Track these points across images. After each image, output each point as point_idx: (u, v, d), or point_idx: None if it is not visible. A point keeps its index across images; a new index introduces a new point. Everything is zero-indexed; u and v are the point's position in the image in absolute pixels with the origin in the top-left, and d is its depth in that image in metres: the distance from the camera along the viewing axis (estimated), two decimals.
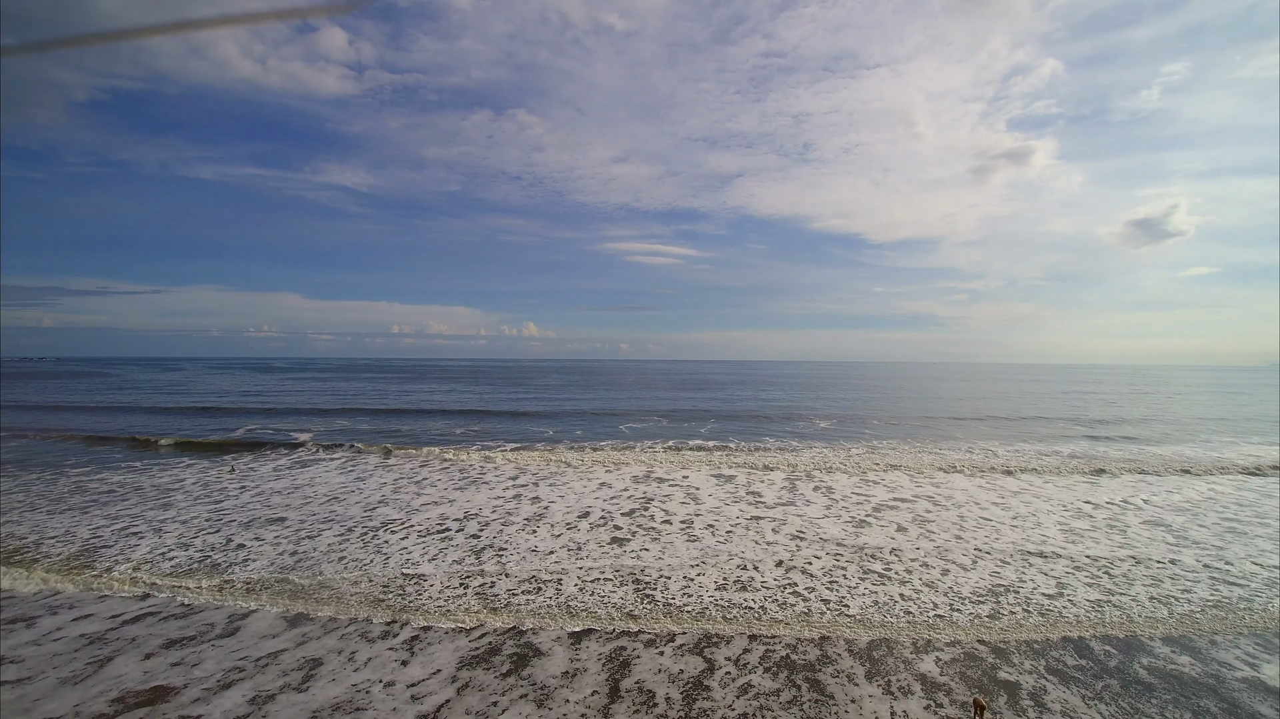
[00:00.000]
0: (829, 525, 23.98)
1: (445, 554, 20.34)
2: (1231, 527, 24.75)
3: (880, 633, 15.07)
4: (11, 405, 76.55)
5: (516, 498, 28.91)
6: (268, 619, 15.95)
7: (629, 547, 21.13)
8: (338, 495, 29.36)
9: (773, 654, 14.07)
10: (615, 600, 16.64)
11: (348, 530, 23.32)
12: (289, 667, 13.50)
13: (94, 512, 26.33)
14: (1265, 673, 13.66)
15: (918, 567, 19.26)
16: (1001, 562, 19.77)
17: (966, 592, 17.39)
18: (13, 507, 27.22)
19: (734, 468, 35.97)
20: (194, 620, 16.04)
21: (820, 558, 19.99)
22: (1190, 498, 29.99)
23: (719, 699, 12.19)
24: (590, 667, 13.45)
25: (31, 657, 14.35)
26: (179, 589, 17.86)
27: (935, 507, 27.10)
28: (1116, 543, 22.01)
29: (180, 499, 28.60)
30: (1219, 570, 19.36)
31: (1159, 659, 14.18)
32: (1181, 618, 16.05)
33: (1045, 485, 32.01)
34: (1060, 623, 15.59)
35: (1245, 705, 12.30)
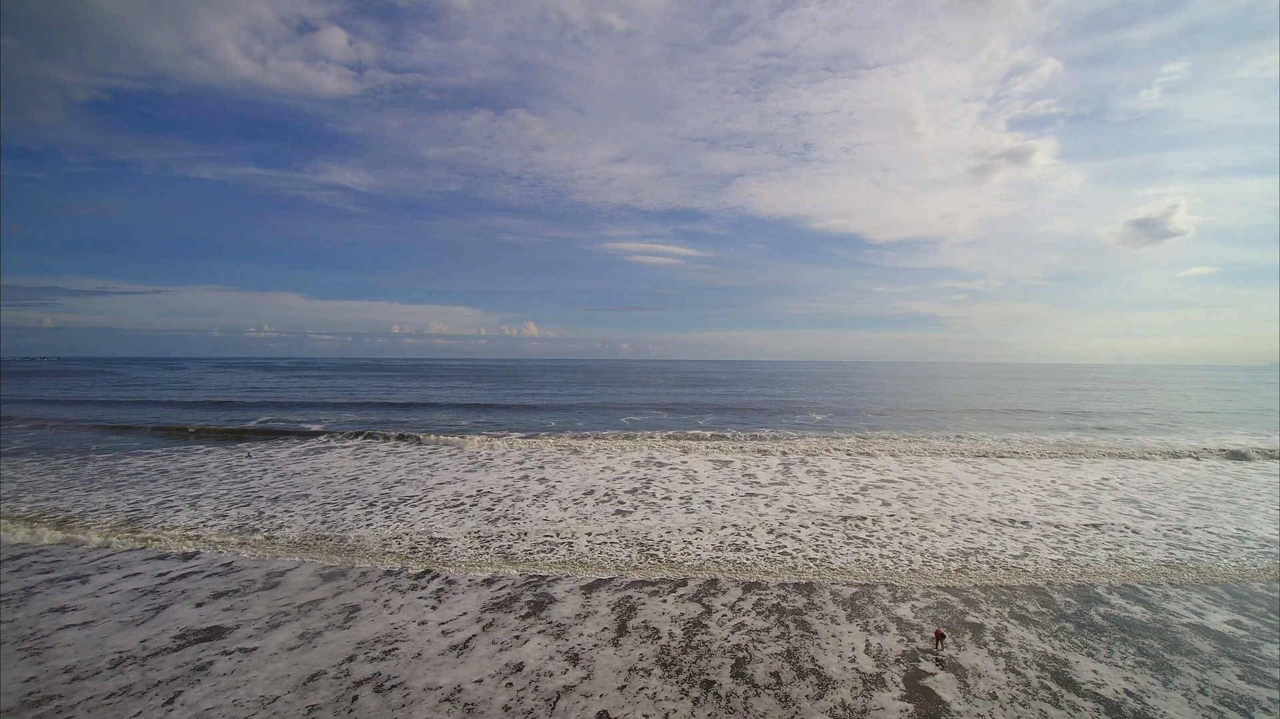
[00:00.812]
0: (818, 500, 25.59)
1: (463, 522, 21.94)
2: (1198, 503, 26.35)
3: (861, 583, 16.67)
4: (22, 400, 78.03)
5: (524, 478, 30.48)
6: (305, 574, 17.53)
7: (632, 517, 22.73)
8: (355, 477, 30.94)
9: (765, 601, 15.65)
10: (622, 558, 18.25)
11: (370, 505, 24.91)
12: (330, 611, 15.08)
13: (127, 489, 27.90)
14: (1209, 620, 15.24)
15: (898, 533, 20.88)
16: (976, 530, 21.38)
17: (941, 552, 19.00)
18: (50, 485, 28.78)
19: (730, 453, 37.57)
20: (236, 577, 17.60)
21: (808, 526, 21.59)
22: (1164, 480, 31.59)
23: (715, 634, 13.78)
24: (600, 610, 15.04)
25: (91, 605, 15.91)
26: (223, 546, 19.45)
27: (919, 486, 28.71)
28: (1086, 515, 23.63)
29: (206, 480, 30.17)
30: (1177, 538, 20.97)
31: (1113, 608, 15.76)
32: (1136, 574, 17.67)
33: (1027, 469, 33.63)
34: (1023, 576, 17.21)
35: (1186, 643, 13.88)
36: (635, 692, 11.35)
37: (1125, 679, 12.04)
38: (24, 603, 15.93)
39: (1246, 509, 25.16)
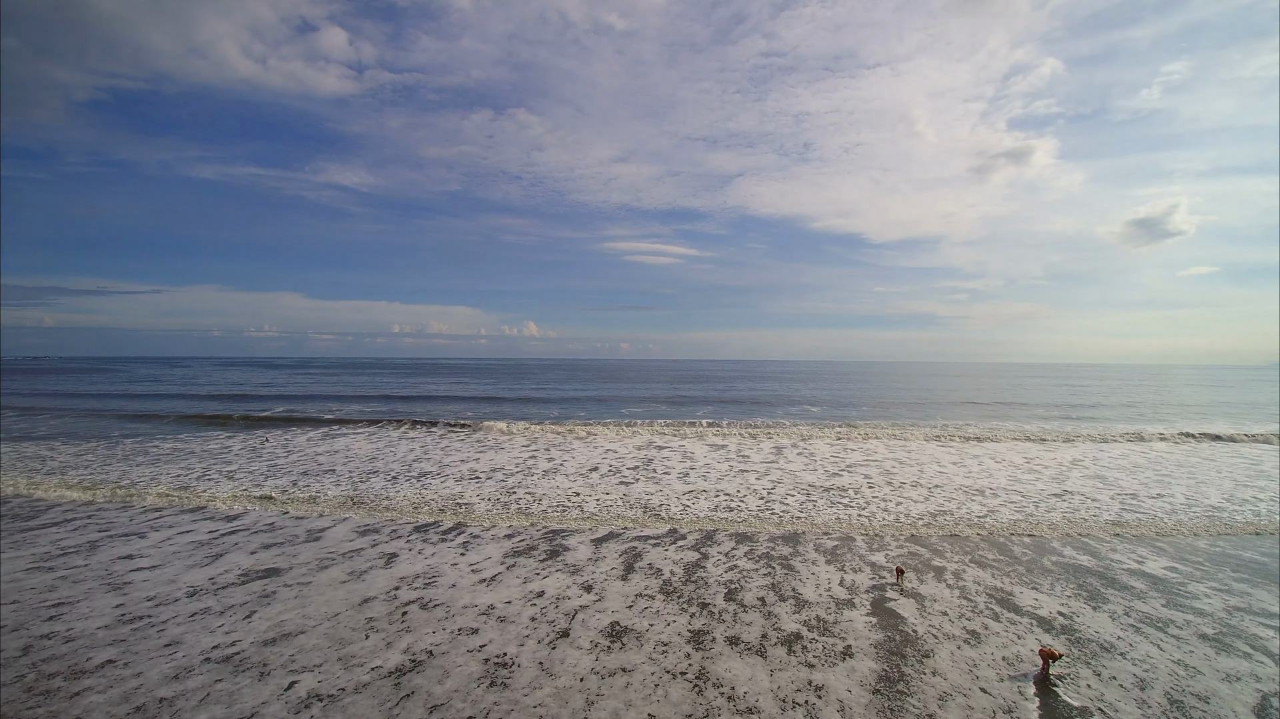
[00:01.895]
0: (805, 475, 27.64)
1: (482, 490, 23.95)
2: (1161, 479, 28.42)
3: (840, 536, 18.70)
4: (33, 393, 79.86)
5: (533, 458, 32.49)
6: (343, 531, 19.53)
7: (635, 487, 24.75)
8: (375, 456, 32.93)
9: (755, 550, 17.68)
10: (628, 516, 20.27)
11: (393, 478, 26.90)
12: (371, 557, 17.08)
13: (163, 465, 29.87)
14: (1148, 566, 17.26)
15: (876, 499, 22.92)
16: (948, 497, 23.44)
17: (914, 514, 21.05)
18: (89, 463, 30.72)
19: (726, 439, 39.61)
20: (281, 533, 19.59)
21: (794, 495, 23.63)
22: (1135, 460, 33.66)
23: (711, 572, 15.80)
24: (609, 556, 17.05)
25: (154, 554, 17.88)
26: (264, 509, 21.44)
27: (900, 465, 30.77)
28: (1051, 488, 25.70)
29: (234, 459, 32.13)
30: (1131, 505, 23.04)
31: (1062, 556, 17.79)
32: (1087, 530, 19.74)
33: (1005, 451, 35.70)
34: (985, 530, 19.26)
35: (1122, 582, 15.91)
36: (641, 609, 13.38)
37: (1060, 604, 14.09)
38: (91, 553, 17.88)
39: (1203, 483, 27.24)
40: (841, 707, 9.66)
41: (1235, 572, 16.47)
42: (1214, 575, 16.22)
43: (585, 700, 9.79)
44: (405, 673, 10.61)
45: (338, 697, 9.86)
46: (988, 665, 11.09)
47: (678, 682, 10.40)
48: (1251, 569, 16.65)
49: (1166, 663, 11.31)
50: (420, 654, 11.31)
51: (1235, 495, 24.74)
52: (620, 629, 12.42)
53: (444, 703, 9.67)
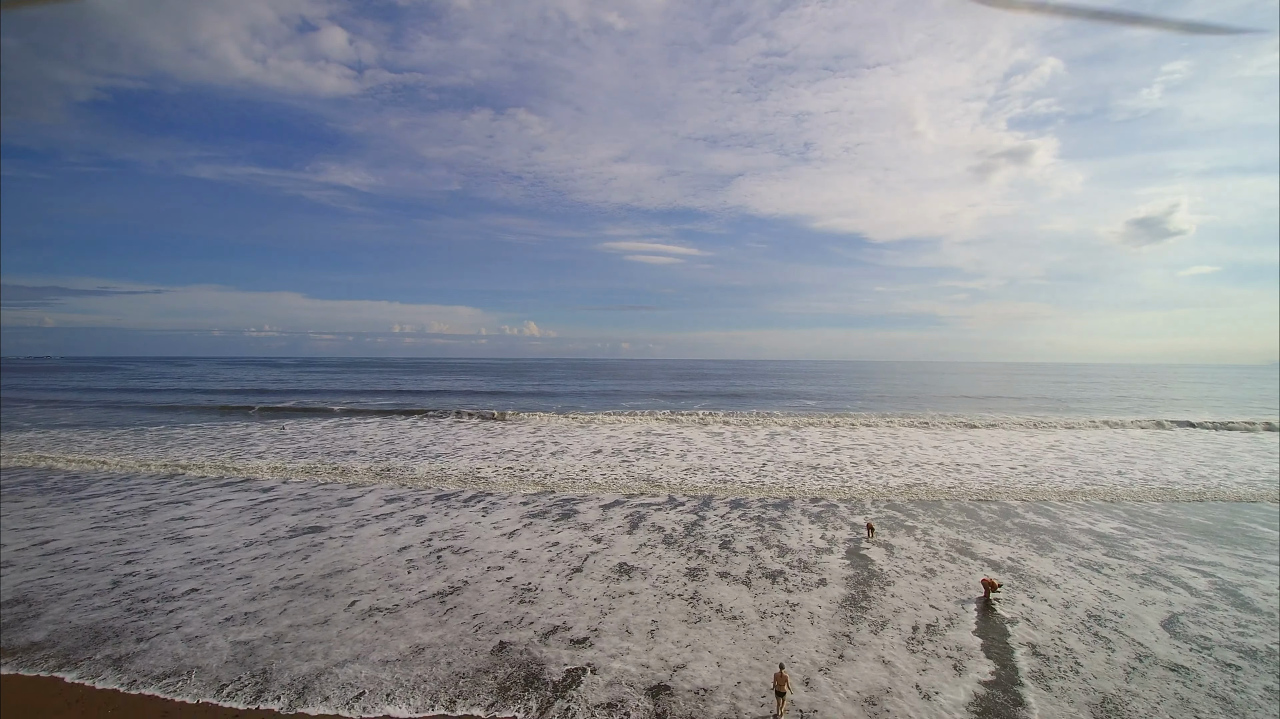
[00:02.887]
0: (795, 456, 29.58)
1: (497, 466, 25.89)
2: (1128, 459, 30.32)
3: (825, 504, 20.64)
4: (47, 389, 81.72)
5: (539, 443, 34.39)
6: (373, 498, 21.45)
7: (637, 465, 26.69)
8: (391, 440, 34.84)
9: (748, 513, 19.60)
10: (632, 487, 22.22)
11: (411, 458, 28.82)
12: (402, 518, 18.99)
13: (193, 448, 31.76)
14: (1099, 527, 19.15)
15: (858, 474, 24.87)
16: (925, 473, 25.38)
17: (893, 485, 22.99)
18: (122, 446, 32.62)
19: (722, 427, 41.53)
20: (316, 500, 21.49)
21: (784, 471, 25.57)
22: (1108, 444, 35.56)
23: (708, 529, 17.73)
24: (616, 517, 18.98)
25: (205, 516, 19.77)
26: (297, 481, 23.35)
27: (885, 448, 32.70)
28: (1021, 466, 27.63)
29: (259, 443, 34.03)
30: (1092, 478, 24.97)
31: (1022, 518, 19.69)
32: (1049, 497, 21.67)
33: (987, 437, 37.61)
34: (954, 497, 21.19)
35: (1071, 537, 17.78)
36: (645, 554, 15.32)
37: (1011, 552, 16.02)
38: (145, 516, 19.76)
39: (1166, 463, 29.16)
40: (812, 617, 11.61)
41: (1178, 531, 18.36)
42: (1157, 534, 18.12)
43: (599, 612, 11.73)
44: (447, 594, 12.55)
45: (394, 610, 11.80)
46: (939, 592, 13.04)
47: (676, 600, 12.35)
48: (1192, 528, 18.56)
49: (1093, 592, 13.25)
50: (457, 583, 13.25)
51: (1193, 472, 26.69)
52: (627, 567, 14.36)
53: (483, 613, 11.61)
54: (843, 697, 9.01)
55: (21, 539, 17.03)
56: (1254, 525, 19.07)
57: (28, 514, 19.88)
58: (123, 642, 10.73)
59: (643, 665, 9.85)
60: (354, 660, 9.95)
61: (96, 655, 10.27)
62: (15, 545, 16.49)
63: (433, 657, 10.05)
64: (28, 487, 24.13)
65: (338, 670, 9.64)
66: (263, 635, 10.85)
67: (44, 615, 11.88)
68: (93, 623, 11.51)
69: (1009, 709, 8.81)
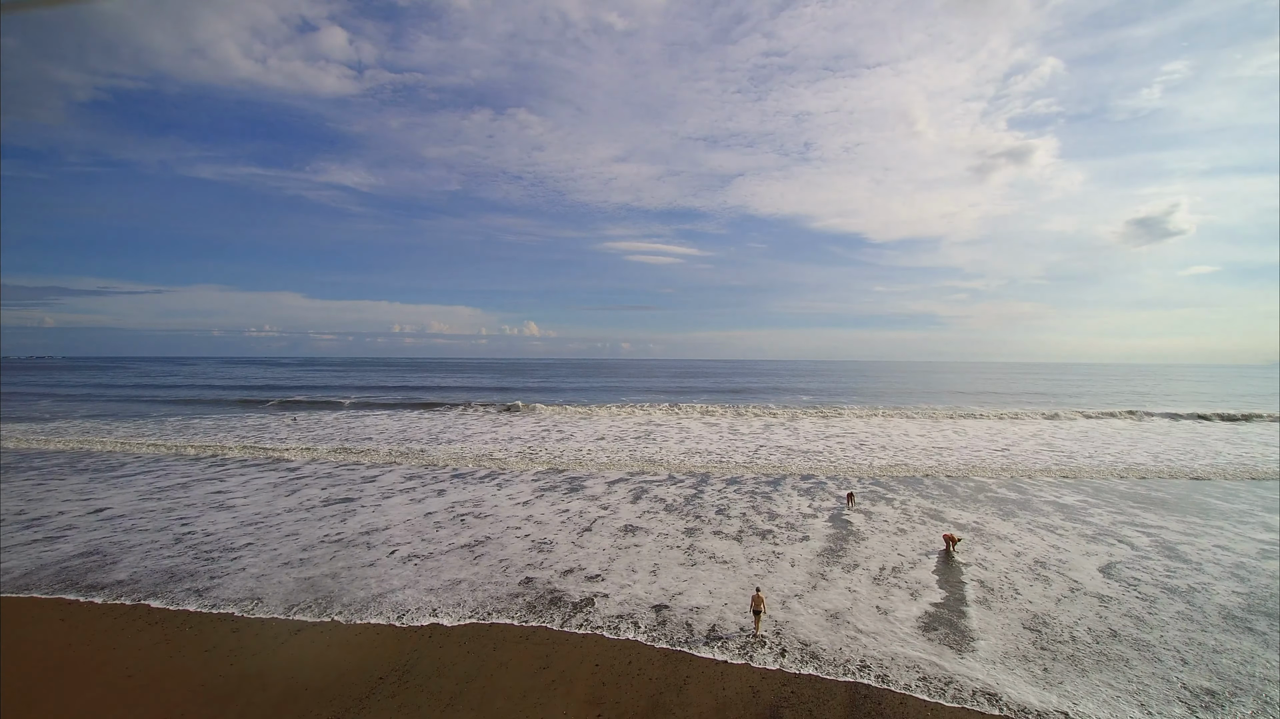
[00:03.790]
0: (786, 441, 31.31)
1: (508, 449, 27.58)
2: (1102, 445, 32.05)
3: (813, 480, 22.36)
4: (59, 385, 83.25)
5: (545, 432, 36.09)
6: (394, 476, 23.14)
7: (639, 449, 28.40)
8: (402, 429, 36.51)
9: (743, 488, 21.32)
10: (635, 467, 23.92)
11: (425, 444, 30.50)
12: (424, 492, 20.68)
13: (215, 435, 33.41)
14: (1063, 499, 20.85)
15: (845, 458, 26.60)
16: (908, 455, 27.12)
17: (877, 465, 24.72)
18: (147, 434, 34.26)
19: (719, 418, 43.24)
20: (342, 477, 23.17)
21: (777, 455, 27.29)
22: (1088, 433, 37.29)
23: (706, 500, 19.44)
24: (621, 491, 20.69)
25: (241, 490, 21.42)
26: (322, 461, 25.00)
27: (872, 435, 34.44)
28: (999, 450, 29.38)
29: (277, 432, 35.67)
30: (1064, 461, 26.71)
31: (994, 492, 21.41)
32: (1019, 474, 23.41)
33: (972, 426, 39.36)
34: (930, 474, 22.92)
35: (1035, 506, 19.47)
36: (648, 519, 17.04)
37: (977, 517, 17.75)
38: (186, 490, 21.41)
39: (1138, 448, 30.90)
40: (793, 562, 13.34)
41: (1135, 503, 20.08)
42: (1115, 505, 19.83)
43: (609, 559, 13.46)
44: (474, 546, 14.27)
45: (429, 557, 13.52)
46: (907, 545, 14.77)
47: (675, 551, 14.07)
48: (1150, 501, 20.28)
49: (1044, 546, 14.99)
50: (482, 538, 14.96)
51: (1161, 456, 28.44)
52: (632, 528, 16.08)
53: (507, 558, 13.34)
54: (812, 614, 10.74)
55: (78, 508, 18.70)
56: (1208, 499, 20.79)
57: (74, 489, 21.53)
58: (198, 579, 12.43)
59: (646, 593, 11.57)
60: (402, 589, 11.68)
61: (176, 589, 11.96)
62: (74, 513, 18.15)
63: (469, 587, 11.77)
64: (64, 468, 25.71)
65: (389, 595, 11.36)
66: (319, 573, 12.56)
67: (121, 563, 13.57)
68: (166, 567, 13.20)
69: (952, 621, 10.54)
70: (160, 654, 9.59)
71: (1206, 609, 11.33)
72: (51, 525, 16.70)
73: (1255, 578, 13.01)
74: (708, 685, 8.55)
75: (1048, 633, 10.25)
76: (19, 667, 9.21)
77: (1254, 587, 12.50)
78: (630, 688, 8.48)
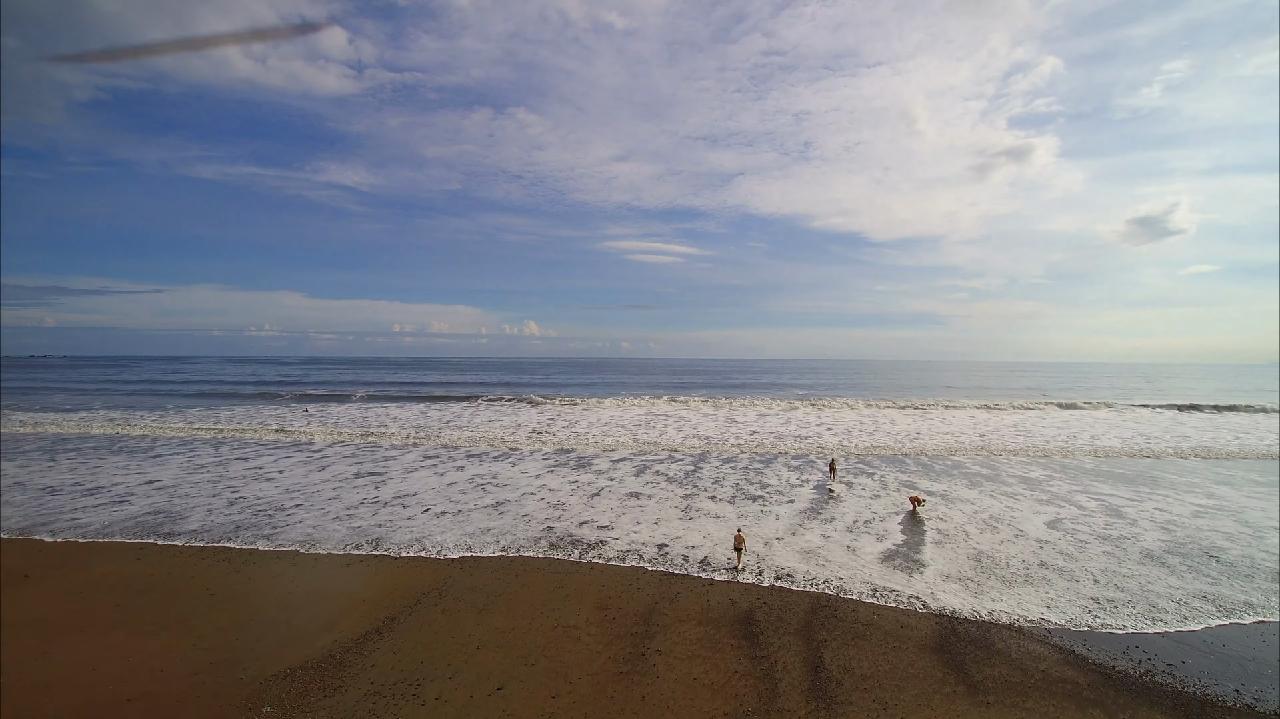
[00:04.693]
0: (779, 428, 33.23)
1: (518, 435, 29.47)
2: (1077, 431, 33.94)
3: (803, 459, 24.26)
4: (69, 382, 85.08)
5: (550, 420, 37.98)
6: (414, 455, 25.01)
7: (640, 433, 30.30)
8: (414, 418, 38.39)
9: (738, 464, 23.21)
10: (638, 448, 25.81)
11: (440, 428, 32.39)
12: (444, 468, 22.56)
13: (237, 422, 35.28)
14: (1029, 474, 22.68)
15: (834, 441, 28.51)
16: (892, 438, 29.03)
17: (861, 446, 26.62)
18: (169, 422, 36.12)
19: (717, 408, 45.15)
20: (366, 456, 25.03)
21: (770, 438, 29.20)
22: (1068, 422, 39.18)
23: (704, 474, 21.34)
24: (625, 468, 22.58)
25: (274, 466, 23.27)
26: (344, 441, 26.87)
27: (862, 424, 36.36)
28: (978, 434, 31.29)
29: (295, 420, 37.55)
30: (1037, 444, 28.61)
31: (968, 469, 23.28)
32: (993, 453, 25.31)
33: (957, 415, 41.27)
34: (911, 452, 24.82)
35: (1002, 479, 21.35)
36: (651, 487, 18.94)
37: (946, 487, 19.64)
38: (223, 466, 23.24)
39: (1109, 433, 32.80)
40: (777, 517, 15.25)
41: (1095, 477, 21.94)
42: (1077, 479, 21.69)
43: (616, 514, 15.36)
44: (497, 506, 16.17)
45: (460, 513, 15.41)
46: (880, 506, 16.67)
47: (674, 509, 15.98)
48: (1110, 475, 22.15)
49: (998, 507, 16.89)
50: (503, 500, 16.86)
51: (1129, 440, 30.34)
52: (636, 494, 17.98)
53: (529, 514, 15.25)
54: (789, 550, 12.64)
55: (129, 479, 20.55)
56: (1164, 474, 22.66)
57: (118, 466, 23.35)
58: (261, 529, 14.32)
59: (649, 537, 13.48)
60: (440, 533, 13.59)
61: (244, 536, 13.85)
62: (127, 483, 20.01)
63: (497, 533, 13.68)
64: (99, 450, 27.47)
65: (428, 538, 13.27)
66: (365, 524, 14.46)
67: (188, 518, 15.46)
68: (231, 521, 15.09)
69: (907, 555, 12.45)
70: (233, 580, 11.48)
71: (1129, 550, 13.23)
72: (111, 493, 18.57)
73: (1181, 530, 14.91)
74: (696, 597, 10.45)
75: (986, 563, 12.15)
76: (106, 595, 11.10)
77: (1178, 536, 14.41)
78: (631, 598, 10.37)
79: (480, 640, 8.93)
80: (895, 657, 8.53)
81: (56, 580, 11.57)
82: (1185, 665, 8.60)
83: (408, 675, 8.00)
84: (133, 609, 10.25)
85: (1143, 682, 8.13)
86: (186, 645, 8.99)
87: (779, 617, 9.72)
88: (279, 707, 7.38)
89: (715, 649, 8.67)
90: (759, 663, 8.31)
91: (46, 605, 10.44)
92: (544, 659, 8.39)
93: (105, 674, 8.23)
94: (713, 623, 9.51)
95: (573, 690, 7.65)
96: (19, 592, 11.07)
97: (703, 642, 8.89)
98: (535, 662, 8.33)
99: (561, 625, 9.40)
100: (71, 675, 8.18)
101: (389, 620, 9.59)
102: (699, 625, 9.42)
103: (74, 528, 14.71)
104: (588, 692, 7.62)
